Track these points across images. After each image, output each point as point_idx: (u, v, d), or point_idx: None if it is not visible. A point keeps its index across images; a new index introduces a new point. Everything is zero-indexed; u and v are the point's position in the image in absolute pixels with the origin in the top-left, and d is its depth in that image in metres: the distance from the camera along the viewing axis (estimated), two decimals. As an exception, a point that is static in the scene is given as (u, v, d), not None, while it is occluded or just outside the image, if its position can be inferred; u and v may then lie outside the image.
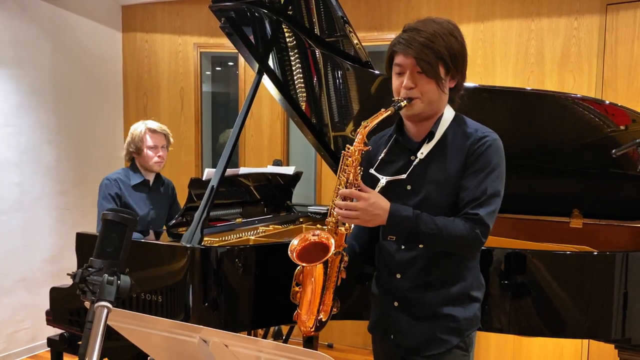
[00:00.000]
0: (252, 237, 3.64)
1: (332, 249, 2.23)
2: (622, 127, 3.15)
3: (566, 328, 3.02)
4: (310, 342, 4.12)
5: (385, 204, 2.20)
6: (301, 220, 4.31)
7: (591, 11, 4.65)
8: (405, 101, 2.22)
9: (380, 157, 2.42)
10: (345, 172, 2.25)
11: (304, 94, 3.96)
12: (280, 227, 4.02)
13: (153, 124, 4.03)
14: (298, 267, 2.28)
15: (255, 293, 3.05)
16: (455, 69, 2.24)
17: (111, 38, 6.32)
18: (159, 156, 3.99)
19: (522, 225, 3.79)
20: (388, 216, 2.19)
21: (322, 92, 3.81)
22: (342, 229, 2.26)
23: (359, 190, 2.22)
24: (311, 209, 4.53)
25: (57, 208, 5.71)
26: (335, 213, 2.23)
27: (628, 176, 3.39)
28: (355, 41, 3.24)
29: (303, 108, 4.03)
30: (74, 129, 5.86)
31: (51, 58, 5.59)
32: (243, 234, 3.76)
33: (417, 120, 2.32)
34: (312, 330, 2.34)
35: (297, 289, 2.32)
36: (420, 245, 2.28)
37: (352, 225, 2.30)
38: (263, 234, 3.79)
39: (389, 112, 2.22)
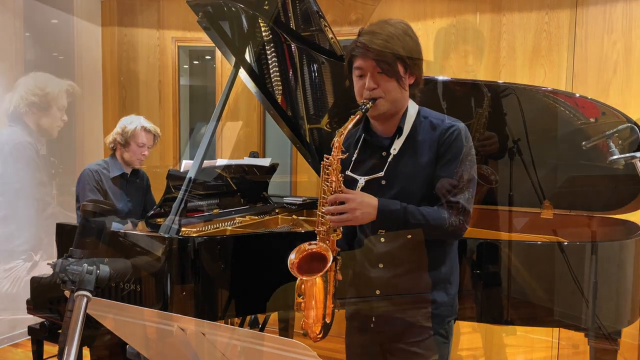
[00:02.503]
0: (229, 228, 3.67)
1: (330, 259, 2.27)
2: (592, 120, 3.20)
3: (537, 317, 3.06)
4: (286, 330, 4.17)
5: (372, 200, 2.26)
6: (277, 211, 4.33)
7: (561, 6, 4.70)
8: (370, 102, 2.28)
9: (353, 159, 2.46)
10: (327, 182, 2.29)
11: (280, 87, 3.97)
12: (256, 217, 4.05)
13: (147, 123, 4.10)
14: (298, 280, 2.29)
15: (232, 282, 3.08)
16: (413, 65, 2.30)
17: (91, 32, 6.29)
18: (143, 155, 4.06)
19: (494, 216, 3.81)
20: (377, 212, 2.25)
21: (298, 85, 3.83)
22: (334, 235, 2.31)
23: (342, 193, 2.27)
24: (287, 199, 4.54)
25: (37, 199, 5.69)
26: (327, 220, 2.28)
27: (597, 168, 3.43)
28: (330, 35, 3.26)
29: (279, 101, 4.03)
30: (54, 122, 5.84)
31: (32, 52, 5.56)
32: (220, 224, 3.79)
33: (384, 119, 2.38)
34: (319, 337, 2.35)
35: (300, 299, 2.32)
36: (409, 236, 2.33)
37: (341, 229, 2.34)
38: (240, 224, 3.82)
39: (358, 116, 2.28)
